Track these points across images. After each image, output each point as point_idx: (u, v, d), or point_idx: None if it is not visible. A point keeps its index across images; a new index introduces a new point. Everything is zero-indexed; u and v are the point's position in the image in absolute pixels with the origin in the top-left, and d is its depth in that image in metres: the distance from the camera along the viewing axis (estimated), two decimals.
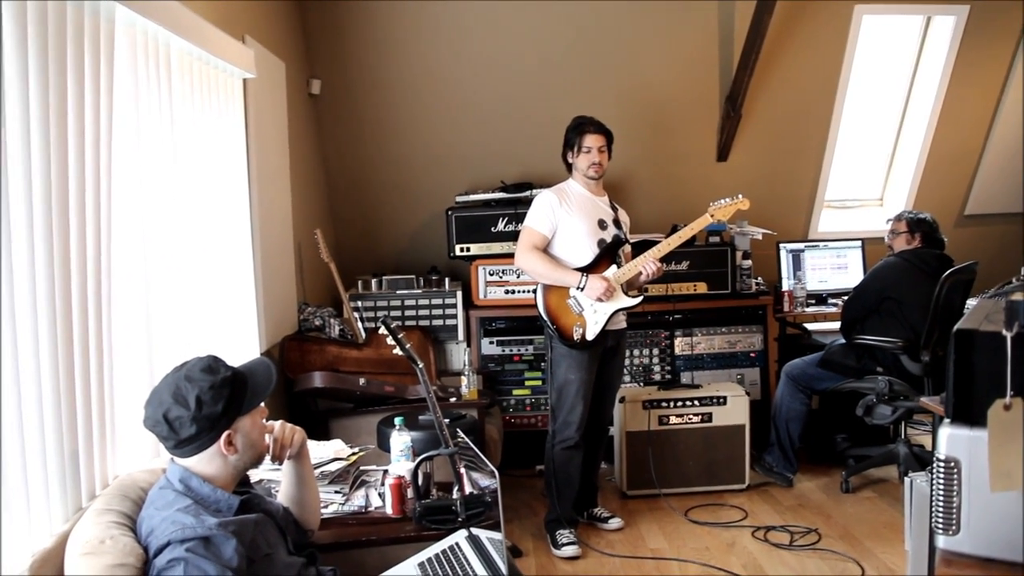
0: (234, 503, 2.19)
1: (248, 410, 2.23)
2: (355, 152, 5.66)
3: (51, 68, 2.06)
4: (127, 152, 2.63)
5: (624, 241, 4.25)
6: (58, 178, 2.10)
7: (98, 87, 2.33)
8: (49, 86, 2.06)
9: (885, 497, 4.77)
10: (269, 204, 4.21)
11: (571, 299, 4.12)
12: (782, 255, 5.80)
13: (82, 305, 2.23)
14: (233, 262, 3.73)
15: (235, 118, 3.80)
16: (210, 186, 3.42)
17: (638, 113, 5.64)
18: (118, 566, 2.00)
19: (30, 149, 1.99)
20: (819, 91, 5.81)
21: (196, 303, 3.21)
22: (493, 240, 5.32)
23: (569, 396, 4.14)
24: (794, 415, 4.93)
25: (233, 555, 2.03)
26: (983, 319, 1.62)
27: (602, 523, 4.46)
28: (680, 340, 5.40)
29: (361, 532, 2.79)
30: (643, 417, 4.74)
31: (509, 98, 5.52)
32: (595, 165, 4.19)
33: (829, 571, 3.89)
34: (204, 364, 2.20)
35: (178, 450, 2.17)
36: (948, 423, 1.57)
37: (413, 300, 5.31)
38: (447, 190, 5.56)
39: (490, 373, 5.25)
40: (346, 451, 3.13)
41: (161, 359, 2.78)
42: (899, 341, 4.57)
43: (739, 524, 4.45)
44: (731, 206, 4.22)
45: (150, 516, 2.12)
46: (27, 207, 1.99)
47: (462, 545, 2.59)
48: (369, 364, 4.61)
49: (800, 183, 6.18)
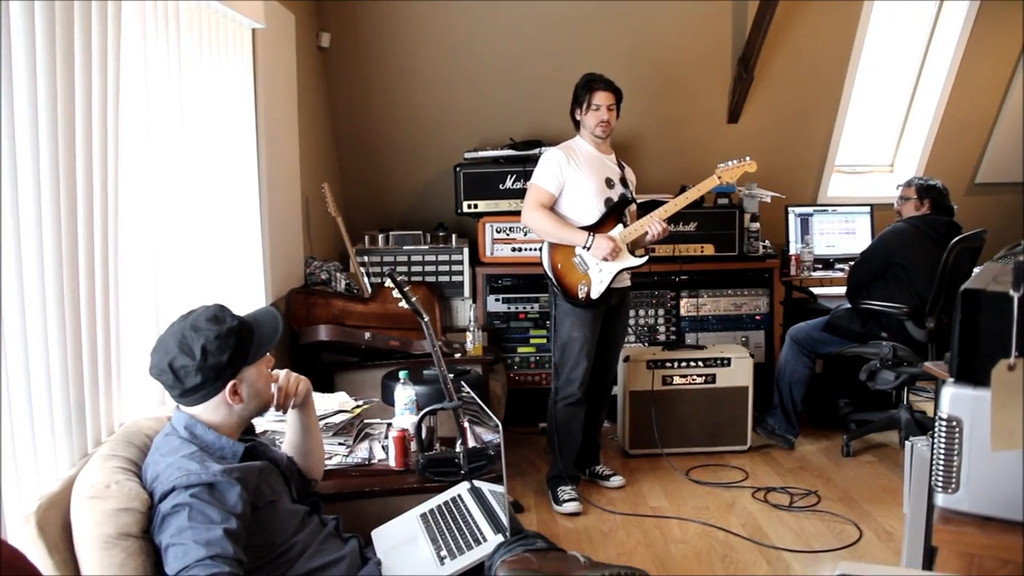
0: (239, 450, 2.21)
1: (254, 360, 2.24)
2: (364, 106, 5.63)
3: (57, 18, 2.04)
4: (135, 102, 2.62)
5: (631, 200, 4.23)
6: (65, 129, 2.09)
7: (105, 37, 2.30)
8: (56, 37, 2.04)
9: (885, 462, 4.80)
10: (277, 157, 4.20)
11: (577, 257, 4.11)
12: (790, 219, 5.78)
13: (88, 253, 2.23)
14: (240, 214, 3.74)
15: (244, 70, 3.78)
16: (218, 138, 3.42)
17: (649, 72, 5.59)
18: (123, 510, 2.02)
19: (36, 100, 1.98)
20: (833, 55, 5.75)
21: (203, 254, 3.21)
22: (501, 197, 5.31)
23: (573, 353, 4.16)
24: (797, 378, 4.94)
25: (237, 501, 2.04)
26: (991, 280, 1.61)
27: (603, 481, 4.49)
28: (686, 301, 5.40)
29: (364, 483, 2.81)
30: (647, 377, 4.76)
31: (520, 54, 5.48)
32: (603, 123, 4.16)
33: (828, 532, 3.92)
34: (210, 313, 2.20)
35: (183, 399, 2.19)
36: (951, 382, 1.57)
37: (420, 256, 5.31)
38: (456, 146, 5.54)
39: (495, 330, 5.27)
40: (350, 403, 3.15)
41: (167, 308, 2.79)
42: (905, 307, 4.56)
43: (740, 485, 4.48)
44: (738, 168, 4.20)
45: (155, 462, 2.14)
46: (34, 157, 1.99)
47: (464, 497, 2.61)
48: (374, 319, 4.62)
49: (811, 147, 6.14)
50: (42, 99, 2.00)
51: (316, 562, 2.23)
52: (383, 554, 2.41)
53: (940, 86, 6.03)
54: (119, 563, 1.98)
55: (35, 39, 1.97)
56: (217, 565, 1.91)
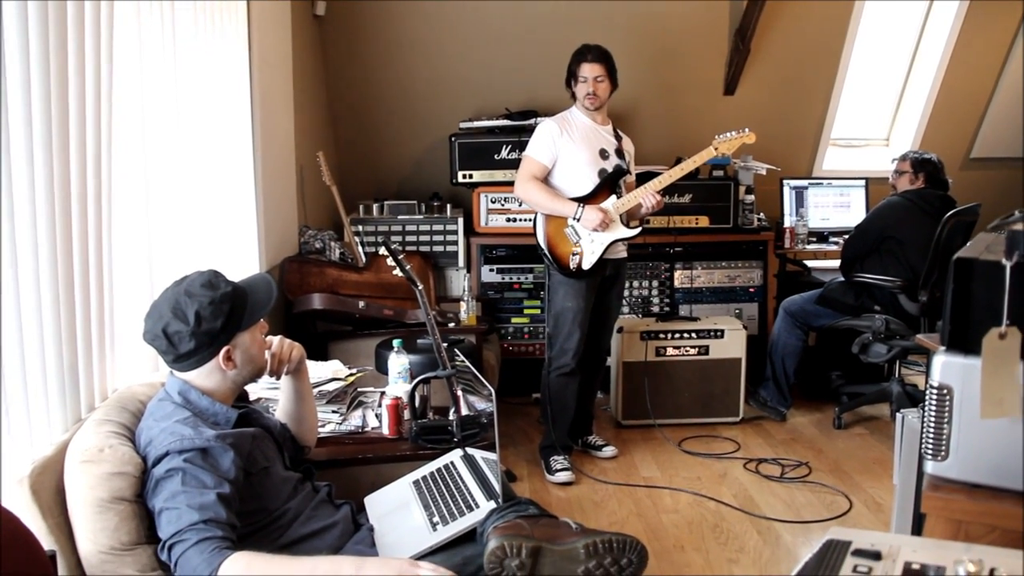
0: (232, 416, 2.21)
1: (247, 326, 2.24)
2: (359, 75, 5.60)
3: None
4: (129, 72, 2.60)
5: (625, 171, 4.21)
6: (58, 98, 2.07)
7: (98, 8, 2.28)
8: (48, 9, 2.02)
9: (876, 434, 4.83)
10: (271, 125, 4.18)
11: (569, 228, 4.11)
12: (785, 191, 5.78)
13: (82, 219, 2.22)
14: (234, 182, 3.72)
15: (238, 39, 3.75)
16: (212, 106, 3.40)
17: (646, 43, 5.56)
18: (116, 475, 2.03)
19: (29, 68, 1.96)
20: (830, 28, 5.72)
21: (197, 221, 3.21)
22: (496, 168, 5.30)
23: (566, 323, 4.16)
24: (790, 351, 4.96)
25: (230, 467, 2.05)
26: (984, 249, 1.62)
27: (596, 451, 4.51)
28: (680, 273, 5.40)
29: (357, 450, 2.82)
30: (640, 348, 4.77)
31: (516, 24, 5.44)
32: (591, 96, 4.13)
33: (818, 503, 3.95)
34: (204, 279, 2.20)
35: (177, 364, 2.19)
36: (943, 351, 1.58)
37: (414, 226, 5.30)
38: (451, 116, 5.52)
39: (489, 300, 5.27)
40: (344, 371, 3.15)
41: (161, 274, 2.78)
42: (898, 280, 4.57)
43: (731, 456, 4.50)
44: (736, 140, 4.18)
45: (149, 427, 2.14)
46: (27, 125, 1.97)
47: (457, 464, 2.62)
48: (368, 288, 4.62)
49: (806, 120, 6.12)
50: (35, 69, 1.98)
51: (308, 528, 2.24)
52: (375, 520, 2.42)
53: (937, 60, 6.01)
54: (112, 527, 1.99)
55: (27, 8, 1.95)
56: (210, 529, 1.92)
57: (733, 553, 3.51)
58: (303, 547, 2.19)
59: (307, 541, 2.22)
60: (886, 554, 1.33)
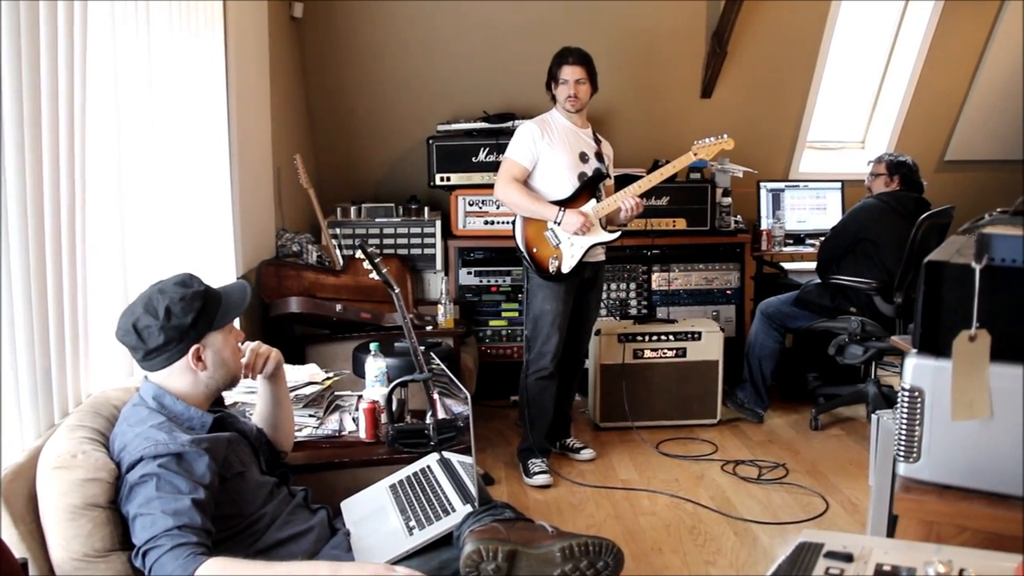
0: (207, 421, 2.20)
1: (220, 326, 2.23)
2: (337, 77, 5.58)
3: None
4: (103, 70, 2.58)
5: (605, 175, 4.22)
6: (30, 100, 2.05)
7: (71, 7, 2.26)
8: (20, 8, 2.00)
9: (852, 435, 4.86)
10: (248, 128, 4.16)
11: (549, 231, 4.11)
12: (762, 194, 5.80)
13: (55, 221, 2.20)
14: (211, 185, 3.70)
15: (214, 40, 3.73)
16: (188, 107, 3.37)
17: (624, 46, 5.57)
18: (90, 480, 2.02)
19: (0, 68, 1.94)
20: (806, 31, 5.76)
21: (172, 225, 3.18)
22: (474, 170, 5.29)
23: (544, 327, 4.16)
24: (767, 352, 4.98)
25: (205, 472, 2.04)
26: (954, 252, 1.63)
27: (574, 454, 4.51)
28: (657, 275, 5.42)
29: (334, 455, 2.81)
30: (618, 350, 4.78)
31: (494, 27, 5.44)
32: (571, 98, 4.14)
33: (795, 504, 3.97)
34: (179, 279, 2.21)
35: (147, 361, 2.17)
36: (915, 353, 1.59)
37: (392, 228, 5.28)
38: (429, 119, 5.51)
39: (467, 303, 5.26)
40: (321, 375, 3.14)
41: (136, 279, 2.76)
42: (873, 282, 4.60)
43: (709, 458, 4.52)
44: (715, 145, 4.20)
45: (123, 432, 2.13)
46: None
47: (433, 468, 2.61)
48: (346, 291, 4.61)
49: (783, 123, 6.15)
50: (7, 70, 1.96)
51: (285, 533, 2.23)
52: (352, 524, 2.41)
53: (912, 63, 6.05)
54: (86, 533, 1.98)
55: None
56: (184, 535, 1.91)
57: (710, 555, 3.52)
58: (279, 552, 2.18)
59: (283, 546, 2.21)
60: (858, 556, 1.34)
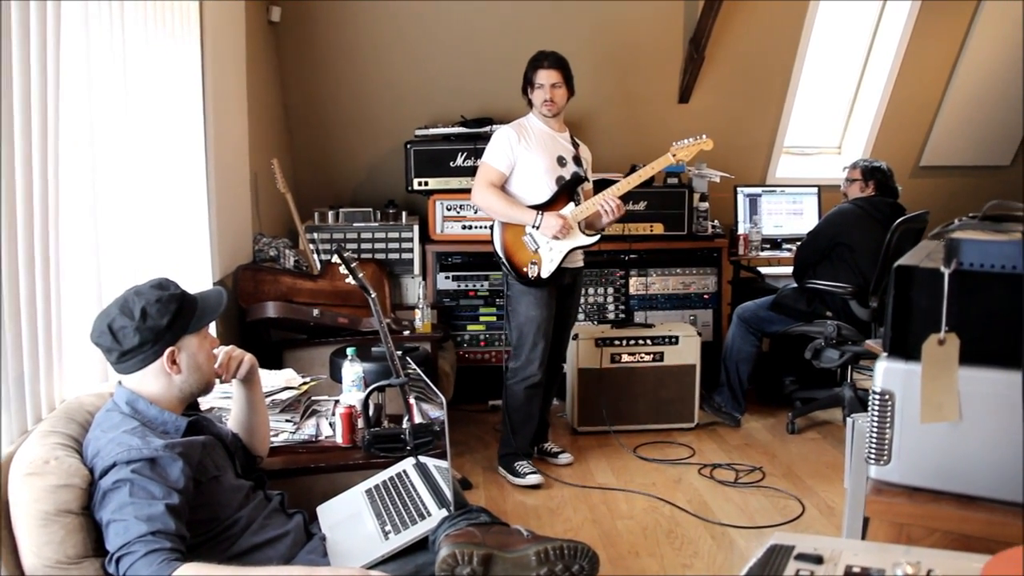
0: (181, 425, 2.19)
1: (195, 329, 2.22)
2: (314, 82, 5.57)
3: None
4: (76, 74, 2.56)
5: (583, 179, 4.23)
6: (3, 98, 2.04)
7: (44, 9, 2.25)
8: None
9: (829, 438, 4.89)
10: (224, 132, 4.14)
11: (527, 236, 4.12)
12: (739, 199, 5.84)
13: (28, 225, 2.19)
14: (186, 189, 3.67)
15: (190, 44, 3.71)
16: (163, 112, 3.35)
17: (601, 51, 5.60)
18: (62, 487, 2.00)
19: None
20: (783, 36, 5.80)
21: (147, 229, 3.16)
22: (451, 175, 5.30)
23: (530, 334, 4.16)
24: (744, 356, 5.01)
25: (180, 476, 2.03)
26: (924, 257, 1.65)
27: (552, 458, 4.51)
28: (635, 280, 5.43)
29: (311, 459, 2.81)
30: (596, 355, 4.78)
31: (472, 32, 5.45)
32: (547, 102, 4.15)
33: (771, 508, 3.99)
34: (156, 282, 2.22)
35: (121, 363, 2.16)
36: (885, 357, 1.61)
37: (369, 233, 5.28)
38: (407, 123, 5.51)
39: (445, 308, 5.26)
40: (297, 380, 3.13)
41: (110, 284, 2.74)
42: (849, 287, 4.64)
43: (686, 461, 4.53)
44: (694, 146, 4.21)
45: (96, 438, 2.12)
46: None
47: (409, 473, 2.61)
48: (323, 296, 4.60)
49: (760, 128, 6.19)
50: None
51: (260, 537, 2.22)
52: (328, 529, 2.41)
53: (887, 70, 6.10)
54: (58, 540, 1.97)
55: None
56: (159, 541, 1.90)
57: (687, 558, 3.53)
58: (255, 556, 2.17)
59: (259, 550, 2.20)
60: (828, 558, 1.35)
